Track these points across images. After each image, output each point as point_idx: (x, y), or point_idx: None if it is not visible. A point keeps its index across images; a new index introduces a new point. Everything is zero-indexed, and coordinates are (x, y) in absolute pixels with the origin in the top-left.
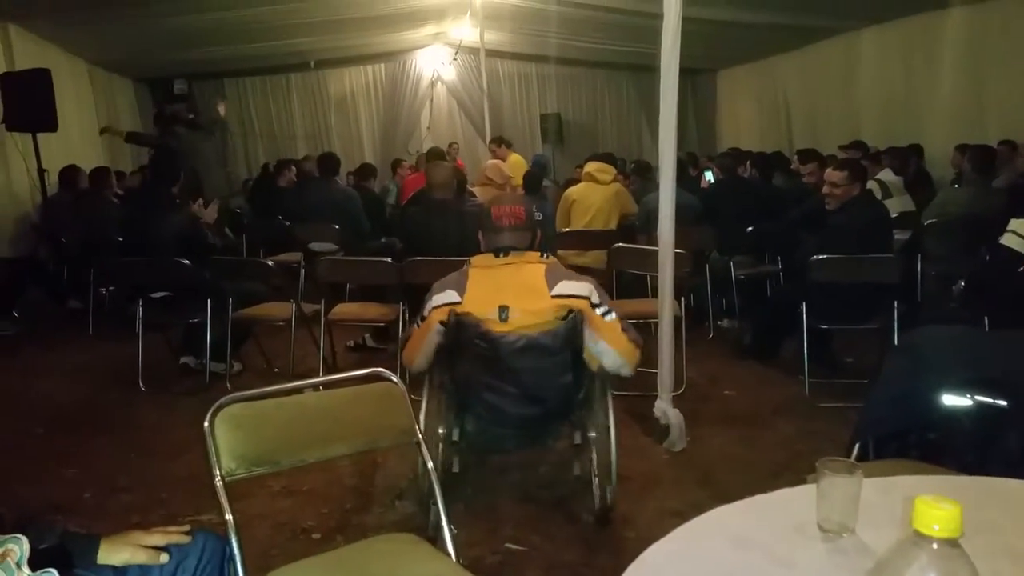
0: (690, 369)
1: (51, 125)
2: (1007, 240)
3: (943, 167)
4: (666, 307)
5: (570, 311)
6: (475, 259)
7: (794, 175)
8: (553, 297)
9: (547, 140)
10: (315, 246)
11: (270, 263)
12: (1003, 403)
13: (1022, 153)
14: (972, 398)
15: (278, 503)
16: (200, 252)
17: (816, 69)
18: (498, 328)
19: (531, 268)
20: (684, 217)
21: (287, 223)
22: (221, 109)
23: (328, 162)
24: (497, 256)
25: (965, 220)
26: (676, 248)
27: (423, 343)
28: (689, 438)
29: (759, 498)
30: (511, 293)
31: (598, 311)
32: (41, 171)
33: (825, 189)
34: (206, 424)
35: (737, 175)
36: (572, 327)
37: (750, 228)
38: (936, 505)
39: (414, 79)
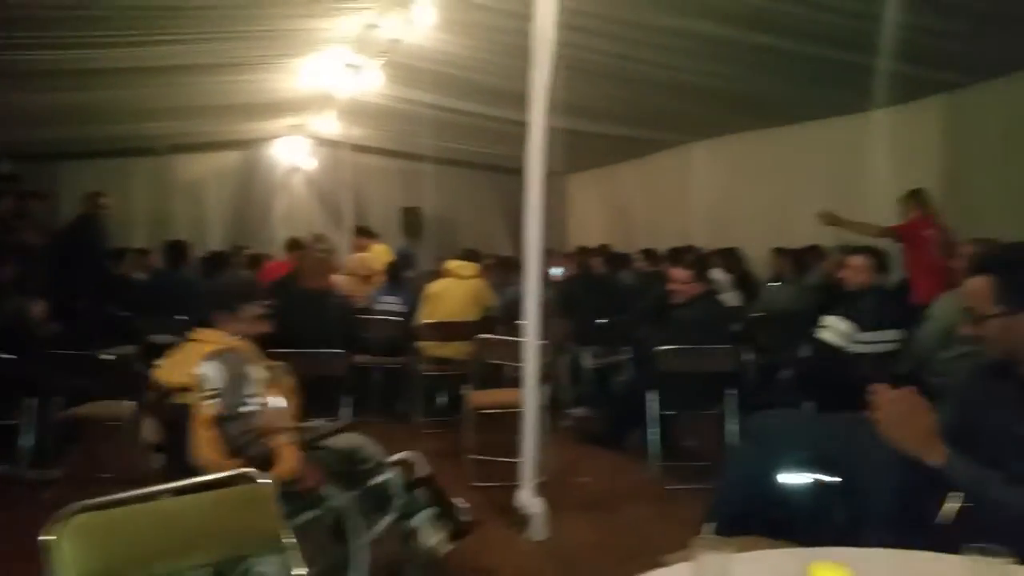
0: (549, 457)
1: None
2: (822, 335)
3: (761, 267)
4: (531, 397)
5: None
6: None
7: (638, 272)
8: None
9: (408, 233)
10: (158, 338)
11: (109, 356)
12: (836, 479)
13: (826, 257)
14: (808, 476)
15: None
16: (26, 344)
17: (655, 177)
18: None
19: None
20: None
21: (123, 314)
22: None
23: (175, 250)
24: None
25: (786, 315)
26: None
27: None
28: (550, 527)
29: None
30: None
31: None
32: None
33: (673, 286)
34: (48, 537)
35: (590, 271)
36: None
37: (602, 320)
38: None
39: (269, 167)
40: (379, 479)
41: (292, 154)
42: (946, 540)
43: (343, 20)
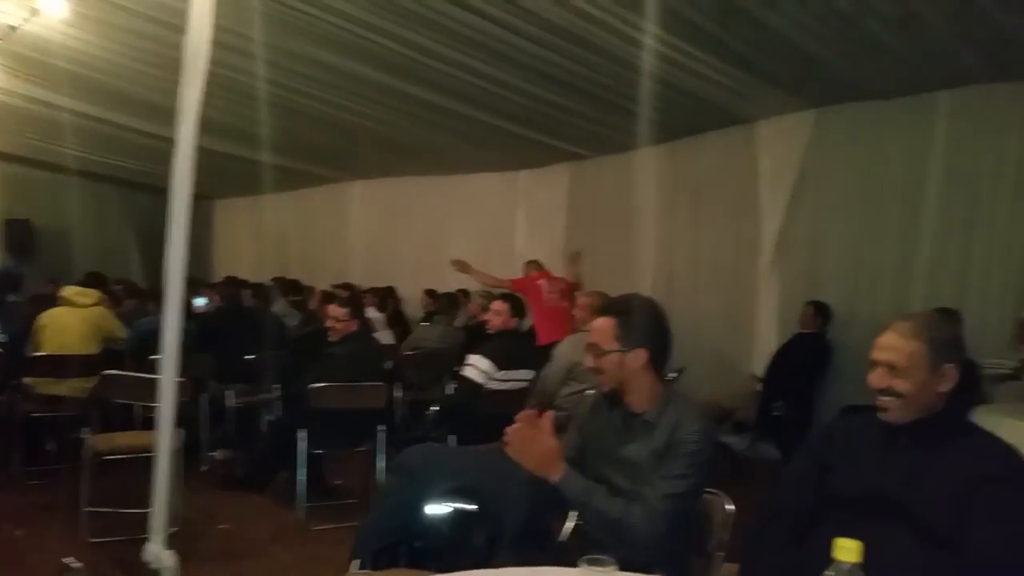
0: (183, 505)
1: None
2: (467, 372)
3: (414, 307)
4: (165, 440)
5: None
6: None
7: (292, 306)
8: None
9: (13, 250)
10: None
11: None
12: (473, 507)
13: (473, 300)
14: (450, 505)
15: None
16: None
17: (312, 211)
18: None
19: None
20: (181, 343)
21: None
22: None
23: None
24: None
25: (435, 354)
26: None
27: None
28: None
29: None
30: None
31: None
32: None
33: (329, 322)
34: None
35: (238, 303)
36: None
37: (250, 356)
38: None
39: None
40: None
41: None
42: (567, 554)
43: None
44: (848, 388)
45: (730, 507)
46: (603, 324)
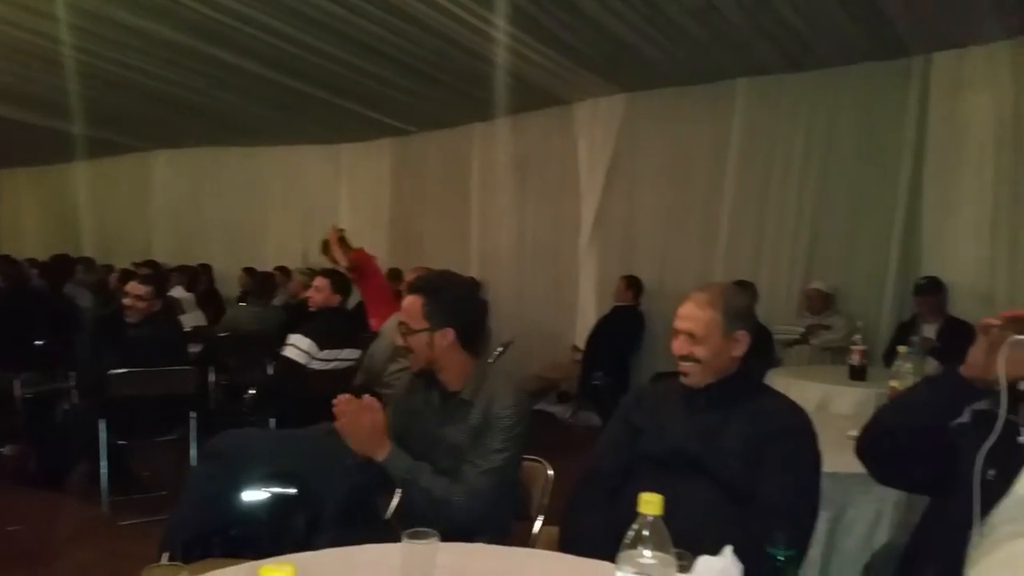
0: None
1: None
2: (288, 352)
3: (229, 286)
4: None
5: None
6: None
7: (86, 286)
8: None
9: None
10: None
11: None
12: (293, 491)
13: (294, 278)
14: (268, 491)
15: None
16: None
17: (109, 182)
18: None
19: None
20: None
21: None
22: None
23: None
24: None
25: (252, 334)
26: None
27: None
28: None
29: None
30: None
31: None
32: None
33: (127, 301)
34: None
35: (23, 283)
36: None
37: (39, 342)
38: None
39: None
40: None
41: None
42: (391, 532)
43: None
44: (660, 356)
45: (551, 473)
46: (411, 303)
